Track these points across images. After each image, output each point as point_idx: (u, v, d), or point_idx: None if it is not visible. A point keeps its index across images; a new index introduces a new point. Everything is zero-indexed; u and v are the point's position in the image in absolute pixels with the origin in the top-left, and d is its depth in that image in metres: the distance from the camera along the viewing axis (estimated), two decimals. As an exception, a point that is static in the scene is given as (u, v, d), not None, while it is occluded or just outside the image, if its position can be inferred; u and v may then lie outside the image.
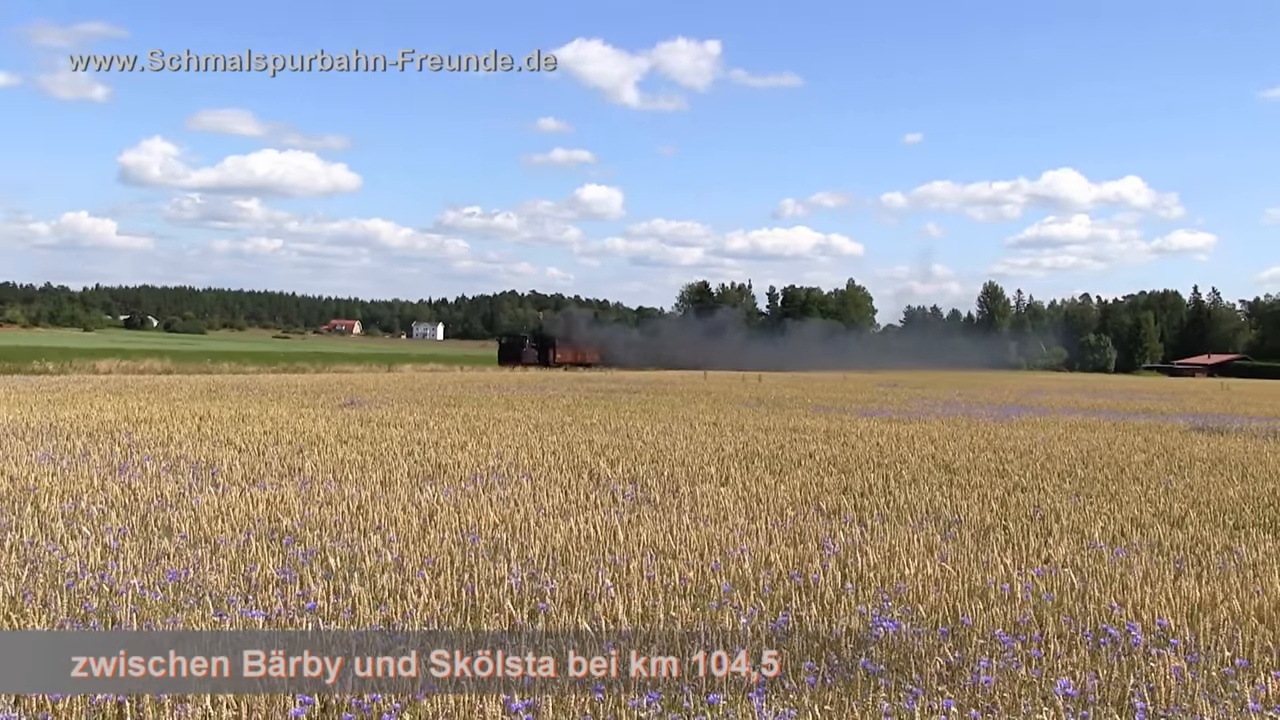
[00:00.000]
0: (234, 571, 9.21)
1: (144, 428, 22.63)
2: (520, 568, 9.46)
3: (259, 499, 12.93)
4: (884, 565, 9.84)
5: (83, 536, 10.52)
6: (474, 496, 13.66)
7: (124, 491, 13.49)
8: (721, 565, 9.71)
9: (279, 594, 8.43)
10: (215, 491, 13.60)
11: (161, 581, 8.72)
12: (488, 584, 8.83)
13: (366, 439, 21.05)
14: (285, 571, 9.16)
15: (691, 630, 7.55)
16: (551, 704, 5.98)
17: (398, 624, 7.66)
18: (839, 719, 5.85)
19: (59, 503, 12.54)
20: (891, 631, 7.44)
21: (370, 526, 11.33)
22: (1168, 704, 6.27)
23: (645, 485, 15.23)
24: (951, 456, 20.21)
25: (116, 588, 8.47)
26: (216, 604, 8.08)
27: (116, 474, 15.13)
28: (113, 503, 12.64)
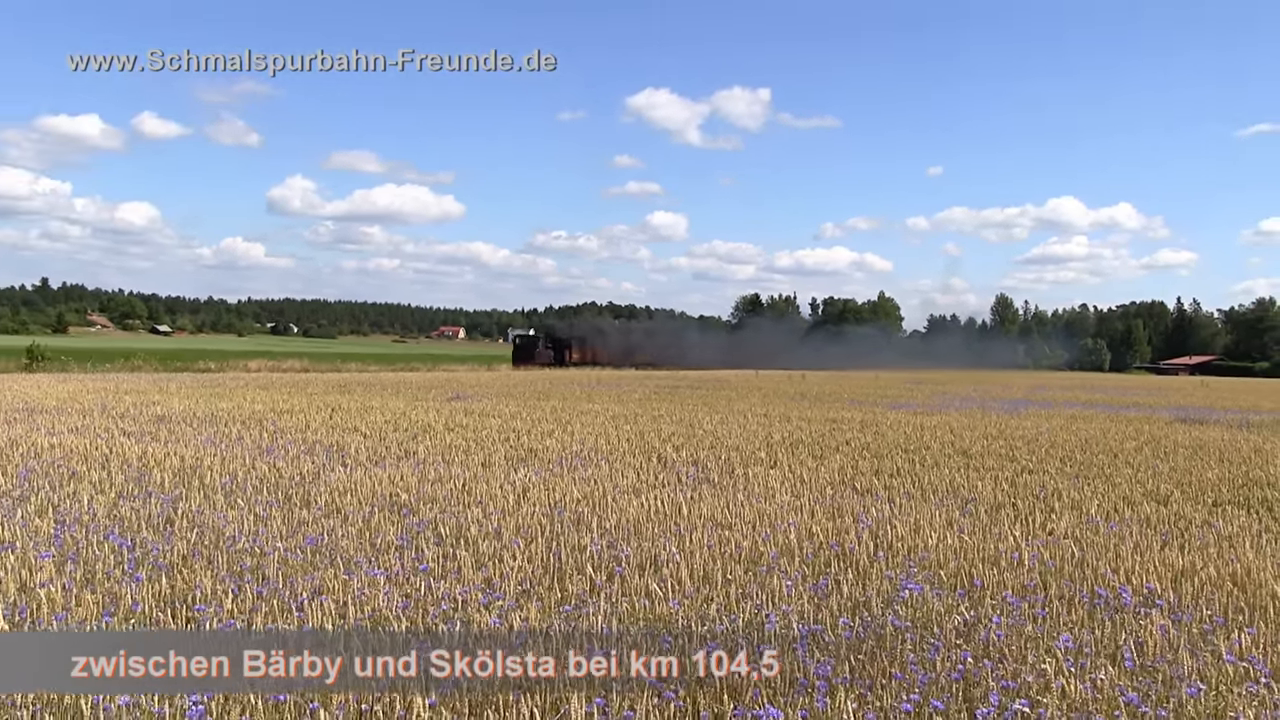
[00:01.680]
0: (360, 538, 9.26)
1: (286, 417, 22.83)
2: (599, 537, 9.45)
3: (380, 477, 12.99)
4: (910, 536, 9.76)
5: (238, 507, 10.63)
6: (560, 476, 13.67)
7: (271, 470, 13.61)
8: (770, 536, 9.66)
9: (398, 557, 8.47)
10: (344, 471, 13.69)
11: (301, 545, 8.78)
12: (572, 550, 8.83)
13: (469, 427, 21.11)
14: (403, 538, 9.20)
15: (745, 591, 7.53)
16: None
17: (496, 583, 7.67)
18: (871, 667, 5.81)
19: (219, 478, 12.67)
20: (916, 593, 7.39)
21: (473, 501, 11.35)
22: (1154, 656, 6.19)
23: (705, 467, 15.19)
24: (968, 444, 20.01)
25: (265, 549, 8.56)
26: (346, 564, 8.13)
27: (264, 455, 15.27)
28: (262, 479, 12.75)
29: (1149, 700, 5.40)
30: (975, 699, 5.39)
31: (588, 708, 4.99)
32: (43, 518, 9.91)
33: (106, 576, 7.63)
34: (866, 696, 5.36)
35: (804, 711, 5.04)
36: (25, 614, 6.58)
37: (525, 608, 6.89)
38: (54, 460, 14.19)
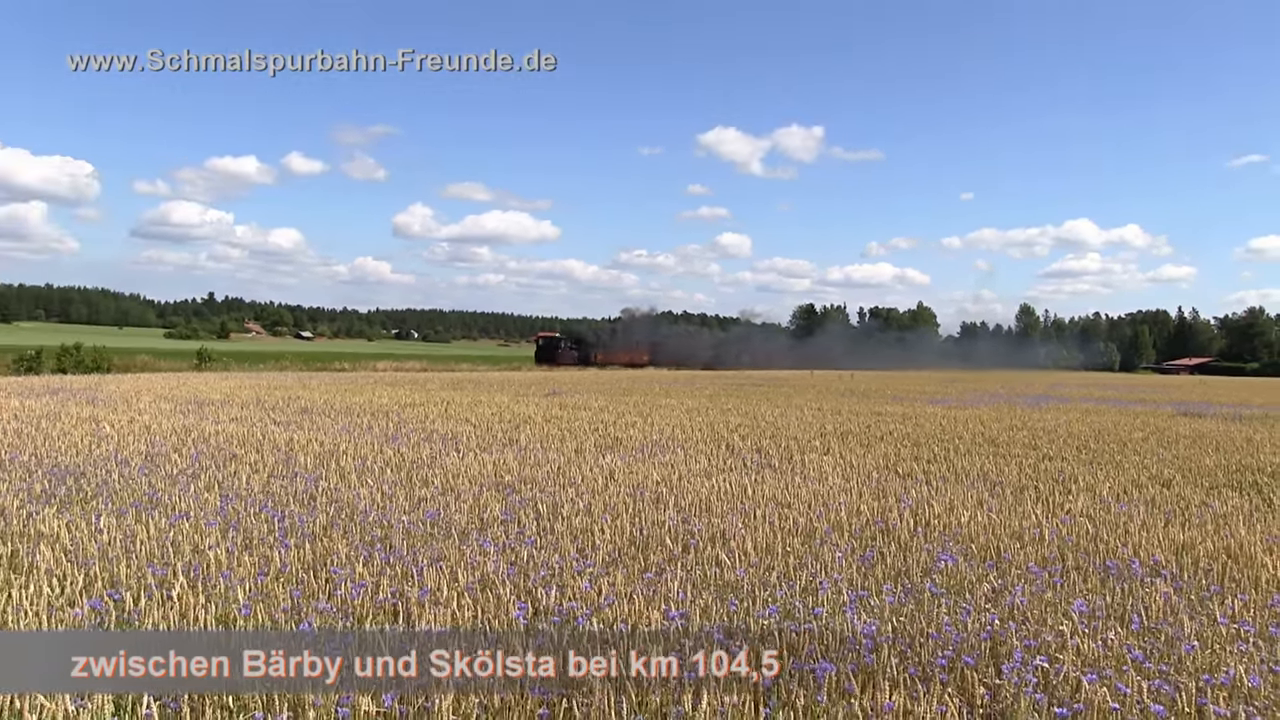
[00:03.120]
0: (471, 513, 9.31)
1: (408, 410, 23.05)
2: (675, 514, 9.45)
3: (488, 461, 13.08)
4: (945, 515, 9.67)
5: (368, 485, 10.75)
6: (641, 461, 13.69)
7: (395, 454, 13.74)
8: (824, 514, 9.61)
9: (503, 530, 8.52)
10: (458, 456, 13.79)
11: (422, 519, 8.86)
12: (652, 525, 8.84)
13: (564, 419, 21.18)
14: (507, 513, 9.26)
15: (801, 561, 7.50)
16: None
17: (588, 552, 7.70)
18: (912, 626, 5.77)
19: (352, 461, 12.82)
20: (950, 564, 7.34)
21: (567, 482, 11.39)
22: (1157, 619, 6.11)
23: (767, 454, 15.14)
24: (996, 434, 19.77)
25: (392, 521, 8.65)
26: (460, 536, 8.20)
27: (390, 442, 15.43)
28: (388, 462, 12.88)
29: (1153, 657, 5.36)
30: (1001, 655, 5.34)
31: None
32: (210, 492, 10.11)
33: (261, 542, 7.78)
34: (907, 653, 5.33)
35: (853, 665, 5.02)
36: (198, 571, 6.72)
37: (613, 574, 6.91)
38: (218, 445, 14.46)
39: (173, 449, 13.78)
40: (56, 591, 6.30)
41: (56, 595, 6.22)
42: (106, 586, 6.44)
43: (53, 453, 13.17)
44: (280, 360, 66.06)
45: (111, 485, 10.48)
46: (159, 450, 13.59)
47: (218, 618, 5.72)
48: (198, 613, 5.73)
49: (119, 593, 6.15)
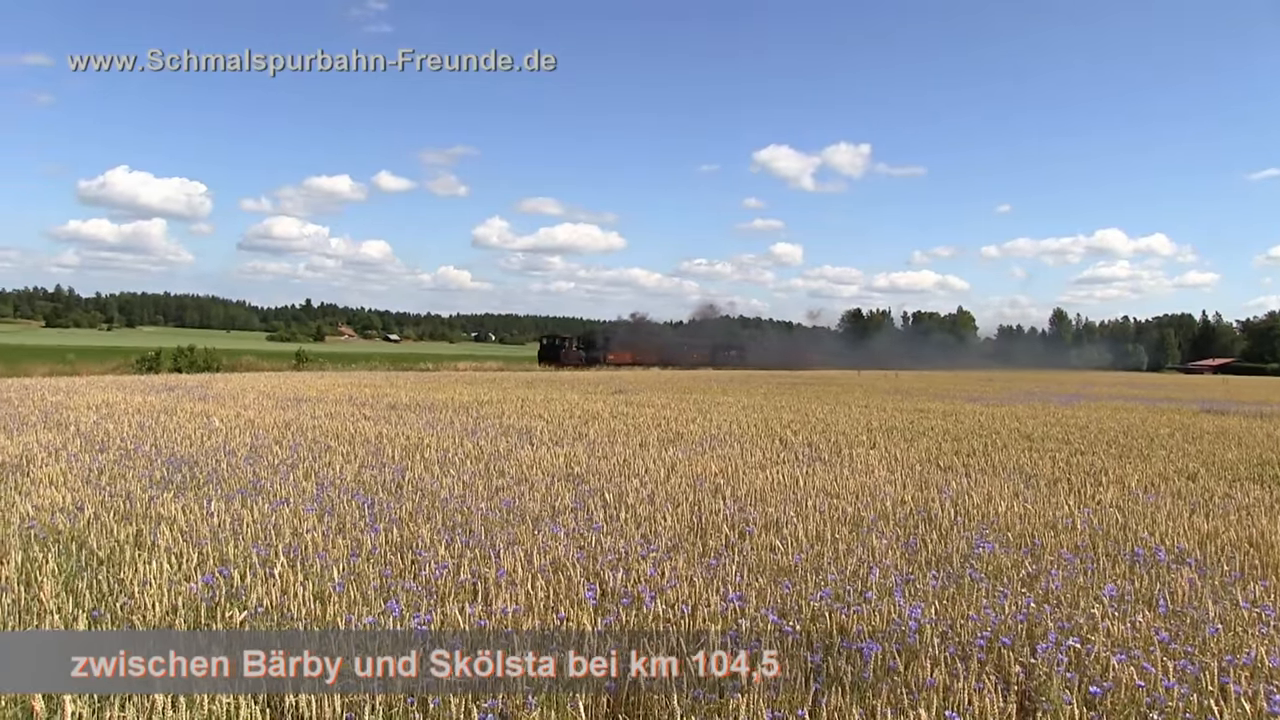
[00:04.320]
0: (544, 501, 9.34)
1: (486, 406, 23.20)
2: (732, 503, 9.42)
3: (559, 454, 13.12)
4: (984, 505, 9.54)
5: (450, 475, 10.83)
6: (701, 454, 13.66)
7: (474, 447, 13.83)
8: (870, 503, 9.52)
9: (573, 517, 8.53)
10: (531, 449, 13.84)
11: (498, 506, 8.91)
12: (711, 513, 8.81)
13: (629, 415, 21.19)
14: (577, 502, 9.28)
15: (850, 547, 7.45)
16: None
17: (651, 539, 7.70)
18: (953, 609, 5.71)
19: (435, 453, 12.91)
20: (988, 551, 7.24)
21: (632, 474, 11.39)
22: (1183, 603, 5.99)
23: (817, 448, 15.03)
24: (1031, 429, 19.45)
25: (471, 509, 8.70)
26: (534, 522, 8.24)
27: (470, 436, 15.53)
28: (468, 454, 12.97)
29: (1178, 639, 5.26)
30: (1036, 636, 5.27)
31: (722, 639, 4.98)
32: (308, 480, 10.24)
33: (353, 526, 7.87)
34: (948, 633, 5.27)
35: (897, 644, 4.98)
36: (297, 552, 6.82)
37: (675, 559, 6.91)
38: (315, 437, 14.65)
39: (274, 441, 13.99)
40: (174, 567, 6.43)
41: (175, 571, 6.36)
42: (217, 564, 6.56)
43: (170, 444, 13.44)
44: (370, 361, 66.71)
45: (220, 474, 10.67)
46: (262, 442, 13.80)
47: (314, 594, 5.79)
48: (296, 589, 5.80)
49: (228, 570, 6.26)
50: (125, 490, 9.53)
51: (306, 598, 5.70)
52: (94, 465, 11.27)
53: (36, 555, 6.95)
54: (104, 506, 8.65)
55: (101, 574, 6.50)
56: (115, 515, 8.30)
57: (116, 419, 17.19)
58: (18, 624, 5.55)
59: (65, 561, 6.85)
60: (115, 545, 7.20)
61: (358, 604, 5.68)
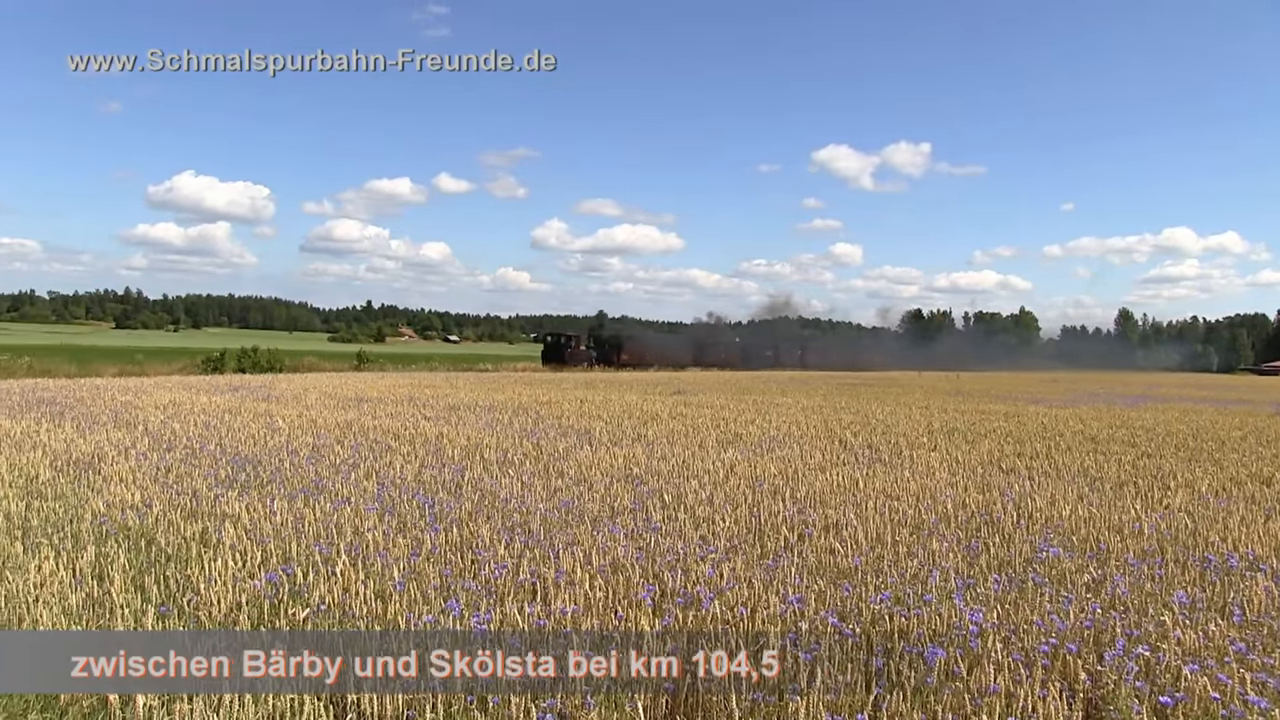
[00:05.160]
0: (603, 502, 9.36)
1: (545, 407, 23.29)
2: (791, 505, 9.37)
3: (618, 455, 13.14)
4: (1047, 508, 9.39)
5: (509, 476, 10.89)
6: (760, 456, 13.61)
7: (534, 448, 13.90)
8: (931, 506, 9.43)
9: (632, 518, 8.54)
10: (590, 449, 13.88)
11: (557, 506, 8.94)
12: (770, 515, 8.78)
13: (688, 416, 21.16)
14: (636, 503, 9.29)
15: (910, 550, 7.38)
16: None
17: (709, 540, 7.69)
18: (1016, 614, 5.63)
19: (495, 454, 12.99)
20: (1052, 555, 7.13)
21: (691, 475, 11.38)
22: (1259, 612, 5.84)
23: (877, 449, 14.92)
24: (1096, 431, 19.13)
25: (530, 509, 8.75)
26: (592, 522, 8.26)
27: (529, 436, 15.61)
28: (527, 454, 13.03)
29: (1255, 649, 5.11)
30: (1103, 643, 5.18)
31: (781, 642, 4.96)
32: (369, 480, 10.36)
33: (413, 525, 7.95)
34: (1011, 639, 5.20)
35: (960, 649, 4.92)
36: (358, 551, 6.91)
37: (733, 560, 6.89)
38: (376, 437, 14.82)
39: (336, 441, 14.17)
40: (239, 565, 6.55)
41: (239, 568, 6.48)
42: (280, 562, 6.67)
43: (234, 443, 13.67)
44: (430, 361, 67.37)
45: (283, 473, 10.83)
46: (324, 442, 13.99)
47: (375, 593, 5.85)
48: (358, 587, 5.87)
49: (291, 568, 6.37)
50: (191, 488, 9.73)
51: (368, 596, 5.77)
52: (161, 464, 11.52)
53: (108, 551, 7.13)
54: (171, 504, 8.84)
55: (169, 570, 6.65)
56: (182, 513, 8.48)
57: (183, 418, 17.53)
58: (91, 617, 5.68)
59: (134, 558, 7.02)
60: (182, 542, 7.37)
61: (418, 603, 5.73)
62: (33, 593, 6.10)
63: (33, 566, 6.66)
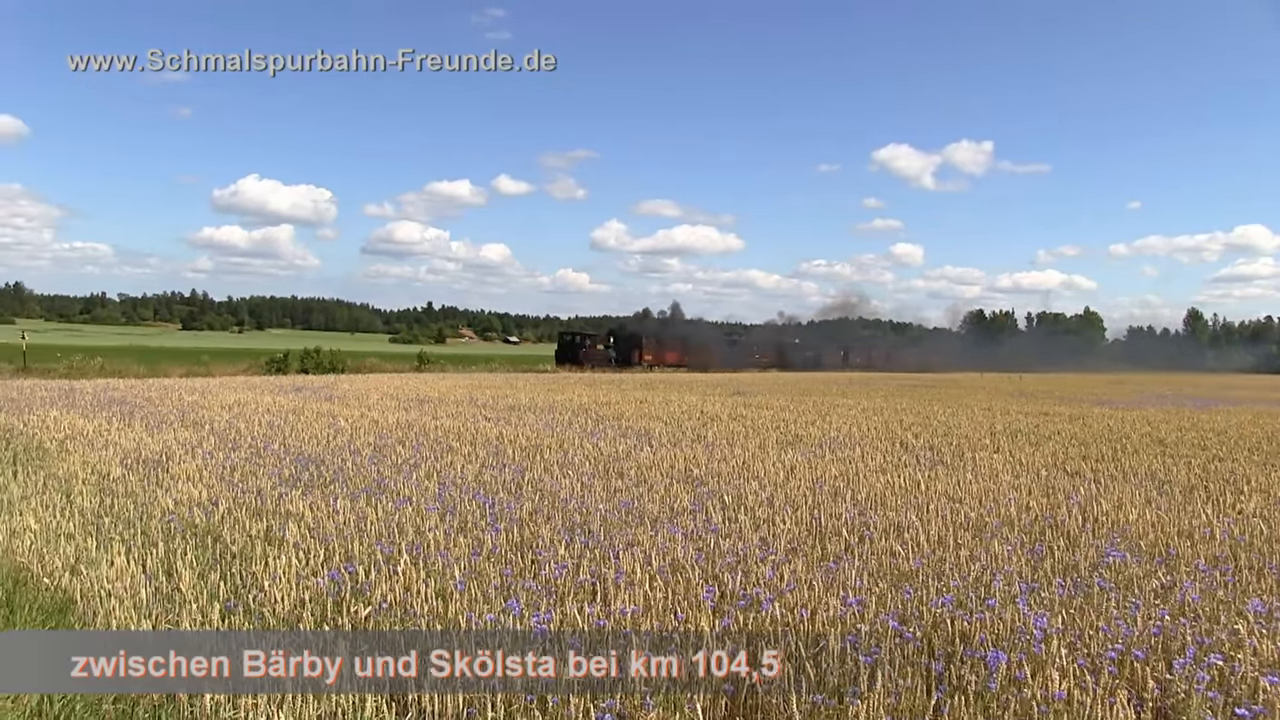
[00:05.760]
0: (662, 503, 9.36)
1: (605, 408, 23.38)
2: (852, 507, 9.32)
3: (678, 456, 13.15)
4: (1113, 512, 9.23)
5: (569, 476, 10.94)
6: (820, 457, 13.55)
7: (593, 448, 13.95)
8: (993, 509, 9.32)
9: (691, 519, 8.54)
10: (650, 450, 13.91)
11: (617, 508, 8.95)
12: (830, 517, 8.74)
13: (747, 418, 21.11)
14: (696, 504, 9.28)
15: (973, 553, 7.31)
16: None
17: (769, 541, 7.67)
18: (1081, 619, 5.55)
19: (555, 454, 13.07)
20: (1118, 560, 7.00)
21: (751, 476, 11.35)
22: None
23: (939, 451, 14.78)
24: (1164, 434, 18.74)
25: (590, 510, 8.78)
26: (652, 523, 8.27)
27: (589, 437, 15.67)
28: (587, 455, 13.08)
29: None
30: (1173, 651, 5.09)
31: (841, 645, 4.95)
32: (430, 480, 10.47)
33: (474, 525, 8.02)
34: (1076, 644, 5.14)
35: (1023, 654, 4.87)
36: (419, 550, 6.99)
37: (793, 562, 6.88)
38: (436, 438, 14.98)
39: (397, 441, 14.34)
40: (302, 563, 6.67)
41: (302, 566, 6.60)
42: (343, 560, 6.77)
43: (297, 443, 13.91)
44: (490, 363, 67.86)
45: (346, 472, 10.99)
46: (385, 442, 14.17)
47: (436, 592, 5.92)
48: (419, 586, 5.94)
49: (353, 566, 6.47)
50: (256, 487, 9.92)
51: (429, 595, 5.83)
52: (227, 463, 11.75)
53: (176, 547, 7.31)
54: (236, 503, 9.02)
55: (234, 567, 6.80)
56: (247, 511, 8.66)
57: (247, 418, 17.86)
58: (161, 612, 5.82)
59: (201, 554, 7.19)
60: (247, 540, 7.52)
61: (478, 602, 5.79)
62: (106, 587, 6.27)
63: (105, 562, 6.86)
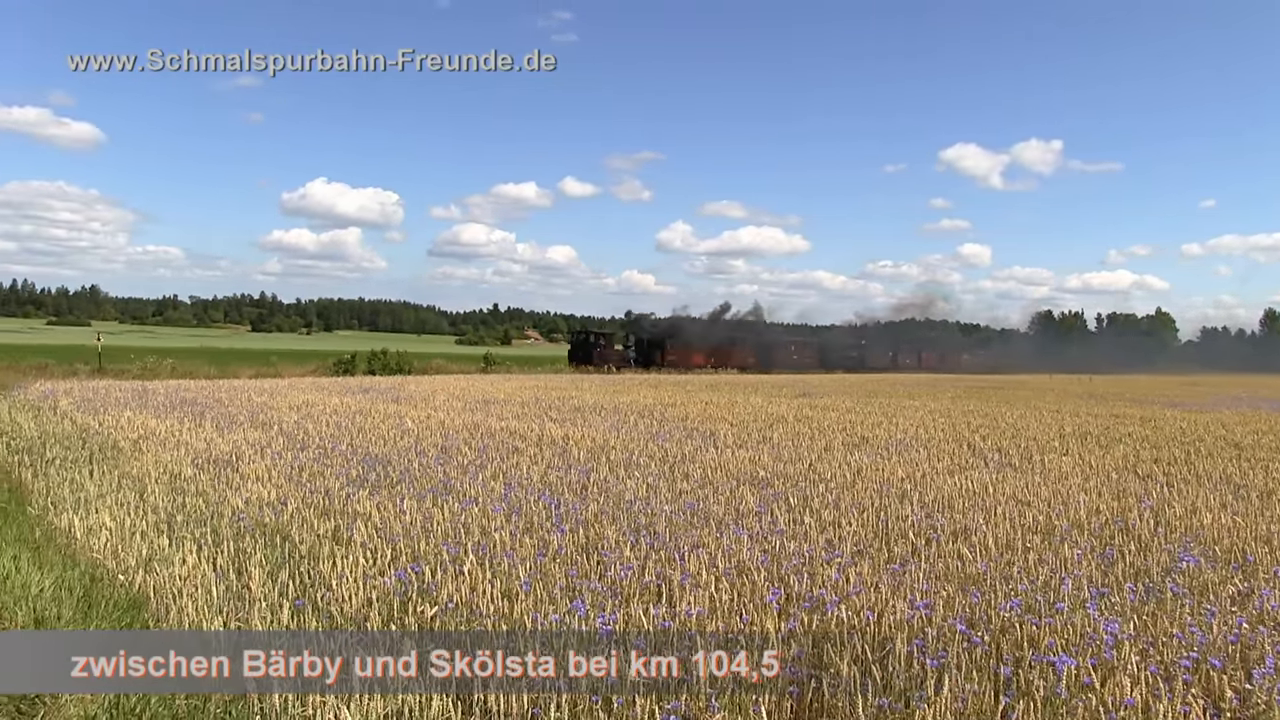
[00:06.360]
0: (727, 505, 9.36)
1: (670, 409, 23.41)
2: (919, 509, 9.27)
3: (743, 457, 13.15)
4: (1187, 516, 9.06)
5: (634, 478, 10.99)
6: (887, 459, 13.47)
7: (659, 449, 14.00)
8: (1063, 512, 9.20)
9: (757, 521, 8.54)
10: (715, 452, 13.92)
11: (682, 509, 8.98)
12: (896, 519, 8.70)
13: (813, 419, 21.02)
14: (761, 506, 9.28)
15: (1041, 557, 7.23)
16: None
17: (835, 543, 7.65)
18: (1154, 625, 5.48)
19: (620, 455, 13.12)
20: (1192, 565, 6.88)
21: (817, 478, 11.32)
22: None
23: (1007, 454, 14.61)
24: (1240, 437, 18.32)
25: (655, 511, 8.81)
26: (717, 525, 8.29)
27: (654, 439, 15.72)
28: (652, 457, 13.13)
29: None
30: (1252, 660, 5.00)
31: (908, 648, 4.94)
32: (495, 481, 10.59)
33: (539, 526, 8.10)
34: (1149, 651, 5.07)
35: (1093, 660, 4.82)
36: (485, 550, 7.08)
37: (859, 564, 6.87)
38: (502, 439, 15.12)
39: (463, 442, 14.50)
40: (369, 562, 6.80)
41: (370, 565, 6.73)
42: (409, 560, 6.89)
43: (365, 443, 14.13)
44: (556, 364, 68.26)
45: (412, 473, 11.15)
46: (452, 443, 14.33)
47: (502, 592, 6.00)
48: (484, 587, 6.02)
49: (419, 566, 6.57)
50: (324, 487, 10.10)
51: (494, 595, 5.91)
52: (295, 463, 11.98)
53: (245, 546, 7.49)
54: (305, 503, 9.20)
55: (303, 566, 6.95)
56: (315, 511, 8.83)
57: (315, 419, 18.18)
58: (231, 610, 5.98)
59: (270, 553, 7.35)
60: (315, 539, 7.68)
61: (544, 603, 5.86)
62: (178, 585, 6.45)
63: (177, 560, 7.05)
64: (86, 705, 4.67)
